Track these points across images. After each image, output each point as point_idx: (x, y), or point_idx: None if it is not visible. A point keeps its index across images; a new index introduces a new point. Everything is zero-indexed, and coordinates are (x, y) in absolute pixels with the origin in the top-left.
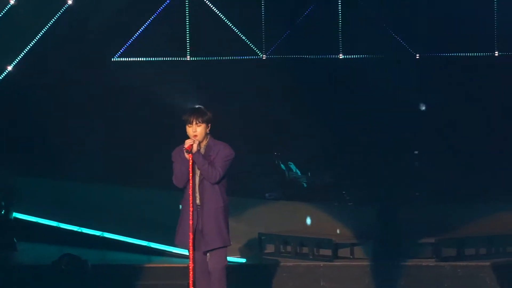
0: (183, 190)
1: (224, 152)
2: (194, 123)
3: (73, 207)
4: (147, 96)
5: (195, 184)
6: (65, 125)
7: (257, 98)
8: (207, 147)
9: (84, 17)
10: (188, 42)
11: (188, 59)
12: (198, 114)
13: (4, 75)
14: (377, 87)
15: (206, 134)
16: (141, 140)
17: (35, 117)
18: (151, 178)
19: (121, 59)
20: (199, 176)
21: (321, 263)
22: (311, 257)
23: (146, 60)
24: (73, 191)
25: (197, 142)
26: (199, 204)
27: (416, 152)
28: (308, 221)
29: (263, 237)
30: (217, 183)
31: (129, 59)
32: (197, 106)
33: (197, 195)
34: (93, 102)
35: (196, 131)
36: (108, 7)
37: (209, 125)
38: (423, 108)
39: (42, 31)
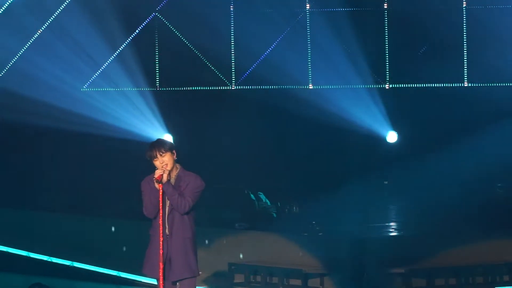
0: (151, 219)
1: (195, 183)
2: (158, 155)
3: (42, 236)
4: (115, 125)
5: (164, 214)
6: (33, 154)
7: (227, 128)
8: (178, 177)
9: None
10: (157, 72)
11: (158, 89)
12: (159, 145)
13: None
14: (344, 117)
15: (175, 163)
16: (109, 169)
17: (2, 146)
18: (119, 208)
19: (91, 89)
20: (169, 206)
21: None
22: (281, 287)
23: (115, 90)
24: (41, 220)
25: (167, 172)
26: (168, 234)
27: (386, 182)
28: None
29: (233, 267)
30: (187, 213)
31: (99, 89)
32: (155, 139)
33: (167, 225)
34: (62, 131)
35: (164, 161)
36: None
37: (174, 152)
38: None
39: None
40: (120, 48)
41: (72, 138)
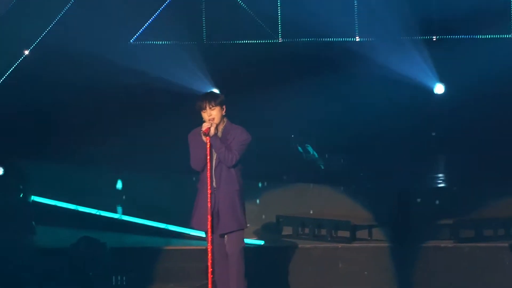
0: (199, 172)
1: (241, 137)
2: (207, 107)
3: (92, 190)
4: (163, 79)
5: (212, 167)
6: (83, 108)
7: (274, 81)
8: (224, 130)
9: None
10: (204, 26)
11: (205, 42)
12: (211, 98)
13: (21, 59)
14: (394, 69)
15: (222, 117)
16: (157, 123)
17: (52, 100)
18: (167, 161)
19: (138, 42)
20: (216, 159)
21: (339, 245)
22: (329, 239)
23: (162, 43)
24: (92, 175)
25: (214, 125)
26: (215, 187)
27: (433, 133)
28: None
29: (281, 219)
30: (233, 166)
31: (146, 42)
32: (208, 91)
33: (214, 178)
34: (111, 85)
35: (211, 115)
36: None
37: (224, 107)
38: (441, 90)
39: (60, 14)
40: (167, 1)
41: (119, 92)
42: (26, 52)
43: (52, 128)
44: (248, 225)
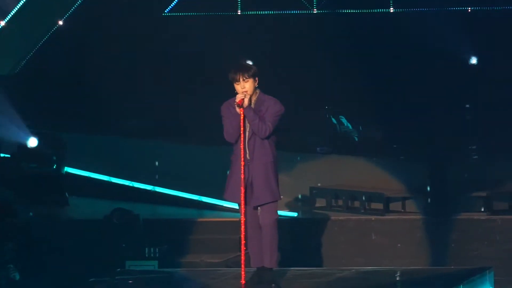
0: (232, 144)
1: (274, 108)
2: (241, 79)
3: (125, 162)
4: (196, 52)
5: (245, 139)
6: (115, 81)
7: (308, 53)
8: (257, 101)
9: None
10: None
11: (239, 13)
12: (244, 70)
13: (55, 29)
14: (427, 41)
15: (255, 88)
16: (191, 95)
17: (86, 73)
18: (201, 133)
19: (171, 14)
20: (249, 131)
21: (373, 217)
22: (362, 211)
23: (196, 14)
24: (124, 146)
25: (248, 96)
26: (249, 158)
27: (467, 106)
28: None
29: (314, 191)
30: (267, 138)
31: (180, 14)
32: (241, 63)
33: (247, 150)
34: (144, 57)
35: (245, 87)
36: None
37: (257, 79)
38: (475, 62)
39: None
40: None
41: (153, 64)
42: (60, 23)
43: (86, 100)
44: (281, 197)
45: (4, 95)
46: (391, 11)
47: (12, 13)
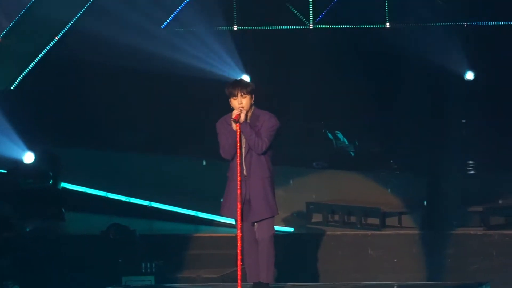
0: (229, 160)
1: (270, 123)
2: (239, 95)
3: (121, 177)
4: (193, 67)
5: (242, 155)
6: (111, 95)
7: (304, 68)
8: (253, 117)
9: None
10: (235, 12)
11: (235, 29)
12: (242, 86)
13: (51, 45)
14: (423, 56)
15: (251, 105)
16: (185, 110)
17: (82, 88)
18: (197, 148)
19: (169, 28)
20: (245, 147)
21: (369, 232)
22: (358, 226)
23: (193, 29)
24: (121, 161)
25: (244, 112)
26: (246, 174)
27: (463, 121)
28: None
29: (310, 206)
30: (263, 153)
31: (177, 29)
32: (239, 78)
33: (244, 166)
34: (142, 70)
35: (242, 102)
36: None
37: (253, 96)
38: (471, 76)
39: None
40: None
41: (149, 78)
42: (57, 38)
43: (82, 115)
44: (278, 212)
45: (0, 111)
46: (387, 26)
47: (7, 29)
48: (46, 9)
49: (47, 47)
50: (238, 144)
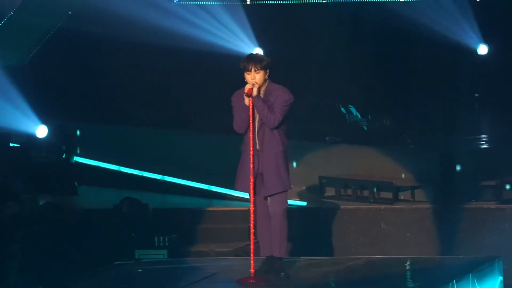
0: (243, 134)
1: (283, 97)
2: (252, 70)
3: (134, 151)
4: (206, 42)
5: (254, 129)
6: (125, 70)
7: (317, 42)
8: (267, 91)
9: None
10: None
11: (248, 3)
12: (256, 61)
13: (65, 19)
14: (436, 30)
15: (266, 79)
16: (200, 84)
17: (96, 63)
18: (211, 122)
19: (181, 3)
20: (259, 121)
21: (382, 206)
22: (371, 200)
23: (206, 4)
24: (134, 135)
25: (256, 86)
26: (258, 148)
27: (476, 95)
28: None
29: (323, 181)
30: (276, 128)
31: (190, 3)
32: (254, 53)
33: (257, 140)
34: (155, 45)
35: (255, 78)
36: None
37: (267, 71)
38: (484, 51)
39: None
40: None
41: (162, 53)
42: (70, 12)
43: (96, 89)
44: (291, 186)
45: (14, 85)
46: (400, 0)
47: (21, 3)
48: None
49: (60, 21)
50: (251, 118)
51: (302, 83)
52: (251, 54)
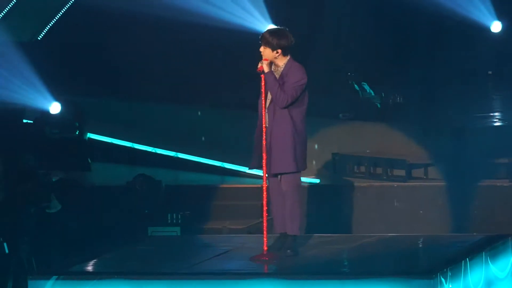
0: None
1: (295, 76)
2: (262, 46)
3: (147, 127)
4: (217, 17)
5: (266, 106)
6: (138, 45)
7: (331, 18)
8: (285, 68)
9: None
10: None
11: None
12: (263, 38)
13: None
14: (448, 7)
15: (278, 56)
16: (214, 60)
17: (109, 39)
18: (224, 98)
19: None
20: (270, 98)
21: (395, 184)
22: (384, 177)
23: None
24: (148, 112)
25: (265, 62)
26: (267, 126)
27: (490, 72)
28: None
29: (336, 158)
30: (285, 107)
31: None
32: (273, 28)
33: (267, 117)
34: (166, 21)
35: (263, 51)
36: None
37: (279, 51)
38: (498, 29)
39: None
40: None
41: (174, 28)
42: None
43: (109, 65)
44: (304, 167)
45: (27, 62)
46: None
47: None
48: None
49: None
50: (263, 94)
51: (316, 60)
52: (266, 30)
